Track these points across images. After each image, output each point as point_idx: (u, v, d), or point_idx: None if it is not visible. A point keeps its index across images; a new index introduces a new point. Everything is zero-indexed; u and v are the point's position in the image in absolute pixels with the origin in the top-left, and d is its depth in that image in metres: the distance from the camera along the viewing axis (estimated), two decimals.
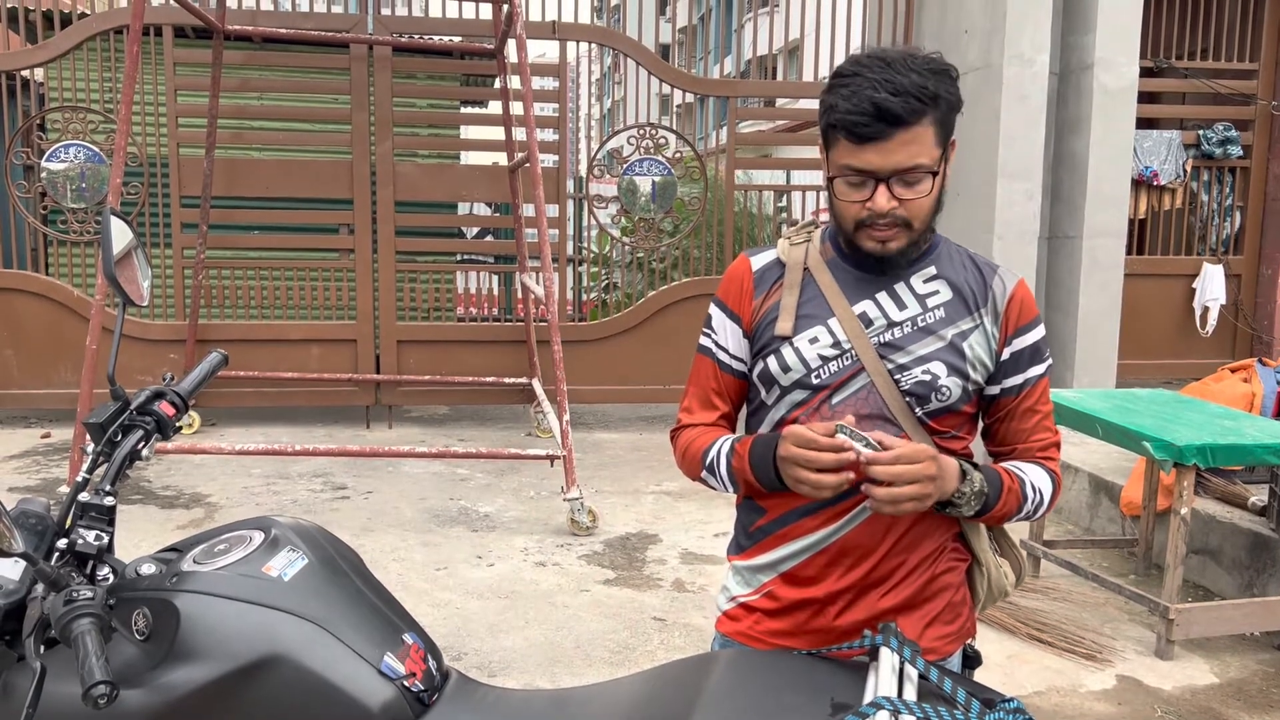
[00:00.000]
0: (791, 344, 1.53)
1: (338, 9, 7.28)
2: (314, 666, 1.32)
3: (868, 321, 1.53)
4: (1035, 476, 1.58)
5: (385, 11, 7.07)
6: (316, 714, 1.31)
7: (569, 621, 3.88)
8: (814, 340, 1.53)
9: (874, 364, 1.51)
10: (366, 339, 7.05)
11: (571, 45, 7.21)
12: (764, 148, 13.19)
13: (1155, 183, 7.00)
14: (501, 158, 7.28)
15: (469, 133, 8.17)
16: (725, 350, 1.63)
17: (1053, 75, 6.30)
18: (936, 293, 1.55)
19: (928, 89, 1.40)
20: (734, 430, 1.68)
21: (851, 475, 1.41)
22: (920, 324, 1.52)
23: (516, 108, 6.25)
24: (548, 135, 7.19)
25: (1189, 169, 7.13)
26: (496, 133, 7.12)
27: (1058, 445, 1.63)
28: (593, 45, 7.56)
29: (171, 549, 1.51)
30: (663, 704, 1.34)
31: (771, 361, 1.55)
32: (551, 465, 5.28)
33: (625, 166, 7.16)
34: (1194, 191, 7.25)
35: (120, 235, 1.66)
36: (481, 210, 8.63)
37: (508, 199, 7.21)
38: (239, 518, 1.55)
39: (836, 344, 1.52)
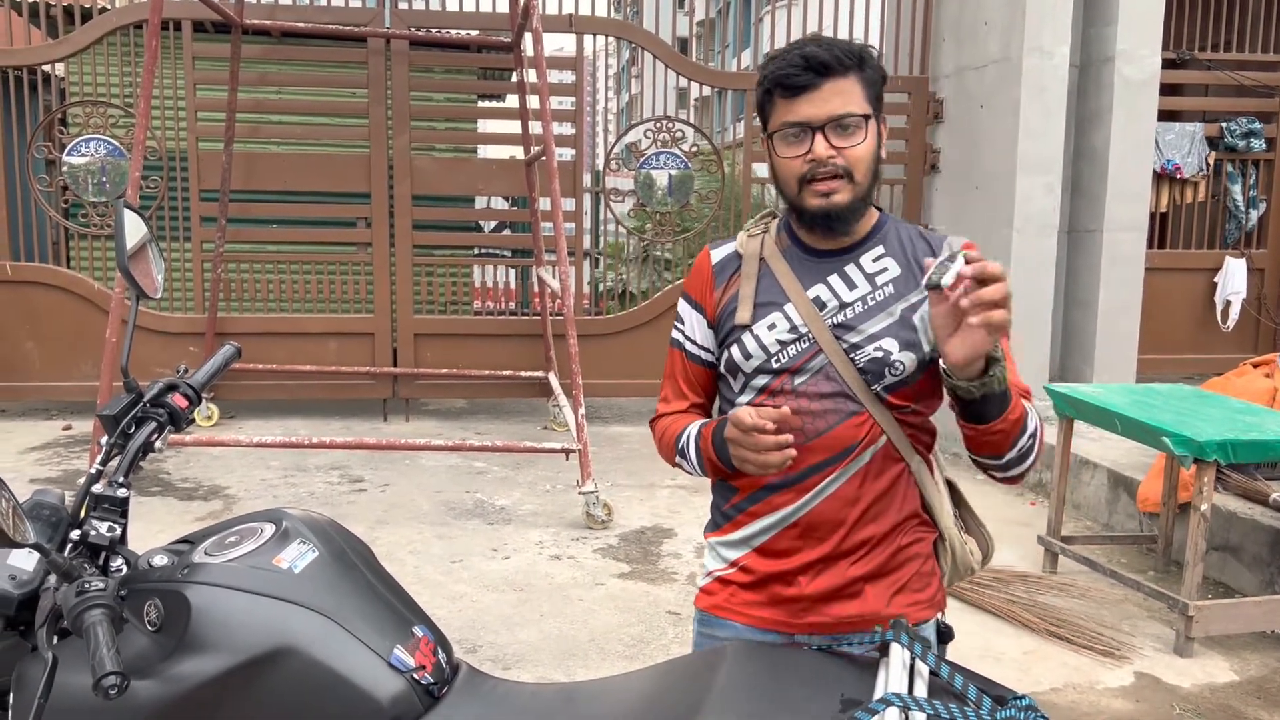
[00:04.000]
0: (751, 331, 1.60)
1: (355, 3, 7.28)
2: (324, 659, 1.32)
3: (821, 304, 1.59)
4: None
5: (402, 5, 7.09)
6: (326, 706, 1.31)
7: (584, 615, 3.89)
8: (772, 326, 1.59)
9: (830, 345, 1.57)
10: (384, 332, 7.07)
11: (589, 38, 7.20)
12: None
13: (1178, 176, 6.93)
14: (518, 151, 7.28)
15: (486, 126, 8.18)
16: (692, 341, 1.71)
17: (1073, 67, 6.25)
18: (885, 270, 1.60)
19: (853, 51, 1.52)
20: (708, 417, 1.73)
21: (793, 453, 1.44)
22: (870, 302, 1.58)
23: (533, 101, 6.25)
24: (565, 129, 7.17)
25: (1211, 162, 7.05)
26: (513, 126, 7.12)
27: (1027, 394, 1.61)
28: (610, 39, 7.54)
29: (184, 541, 1.51)
30: (673, 698, 1.34)
31: (735, 350, 1.61)
32: (567, 459, 5.28)
33: (642, 160, 7.15)
34: (1216, 185, 7.17)
35: (133, 228, 1.67)
36: (498, 204, 8.63)
37: (524, 193, 7.21)
38: (256, 509, 1.55)
39: (794, 328, 1.58)
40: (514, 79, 7.03)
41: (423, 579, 4.18)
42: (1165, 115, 6.67)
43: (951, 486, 1.71)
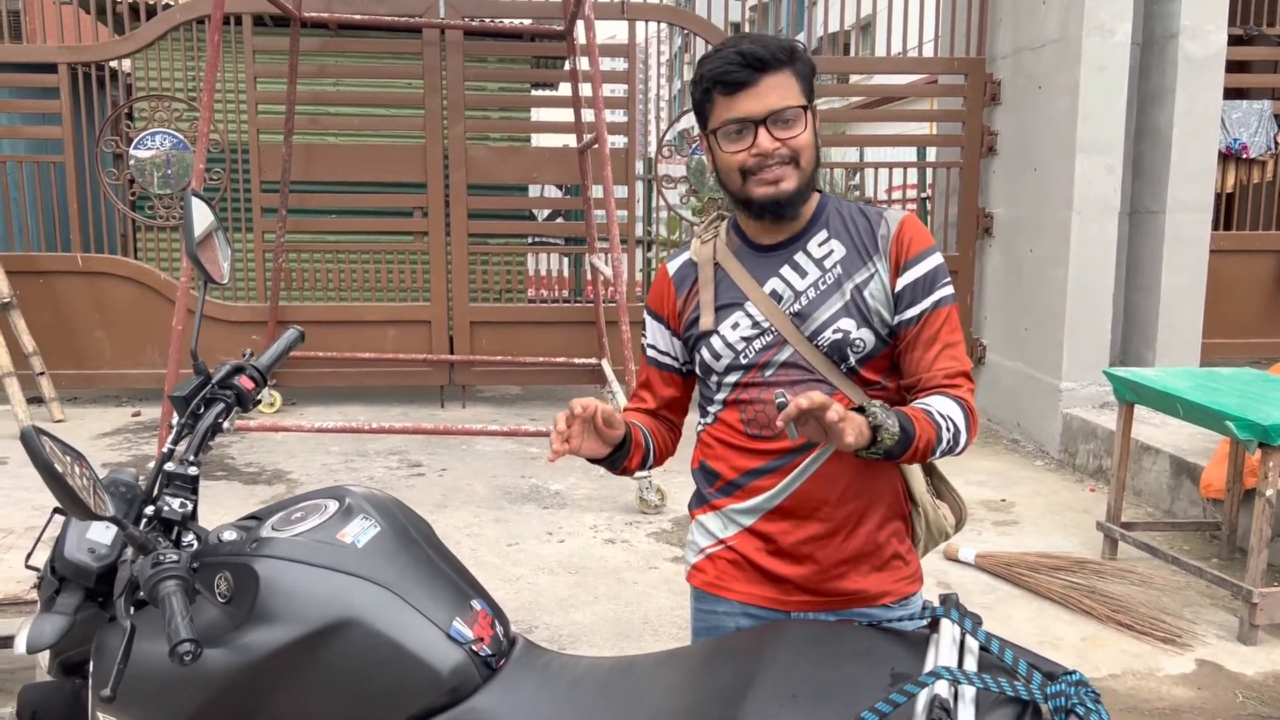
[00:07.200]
0: (718, 334, 1.67)
1: None
2: (385, 630, 1.36)
3: (778, 297, 1.65)
4: (939, 405, 1.59)
5: None
6: (387, 676, 1.36)
7: (637, 598, 3.93)
8: (735, 325, 1.66)
9: (792, 334, 1.63)
10: (440, 320, 7.16)
11: (641, 25, 7.20)
12: (836, 125, 13.03)
13: (1244, 155, 6.75)
14: (571, 140, 7.32)
15: (539, 115, 8.22)
16: (654, 347, 1.83)
17: (1134, 45, 6.10)
18: (831, 252, 1.65)
19: (785, 46, 1.57)
20: (655, 418, 1.88)
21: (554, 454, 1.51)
22: (822, 286, 1.63)
23: (586, 89, 6.28)
24: (617, 116, 7.19)
25: None
26: (566, 114, 7.15)
27: (965, 374, 1.65)
28: (662, 25, 7.53)
29: (251, 517, 1.57)
30: (726, 673, 1.36)
31: (705, 353, 1.69)
32: None
33: (694, 147, 7.15)
34: None
35: (201, 216, 1.73)
36: (551, 192, 8.68)
37: (577, 181, 7.25)
38: None
39: (756, 324, 1.65)
40: (567, 67, 7.06)
41: (480, 561, 4.24)
42: (1231, 93, 6.49)
43: None
